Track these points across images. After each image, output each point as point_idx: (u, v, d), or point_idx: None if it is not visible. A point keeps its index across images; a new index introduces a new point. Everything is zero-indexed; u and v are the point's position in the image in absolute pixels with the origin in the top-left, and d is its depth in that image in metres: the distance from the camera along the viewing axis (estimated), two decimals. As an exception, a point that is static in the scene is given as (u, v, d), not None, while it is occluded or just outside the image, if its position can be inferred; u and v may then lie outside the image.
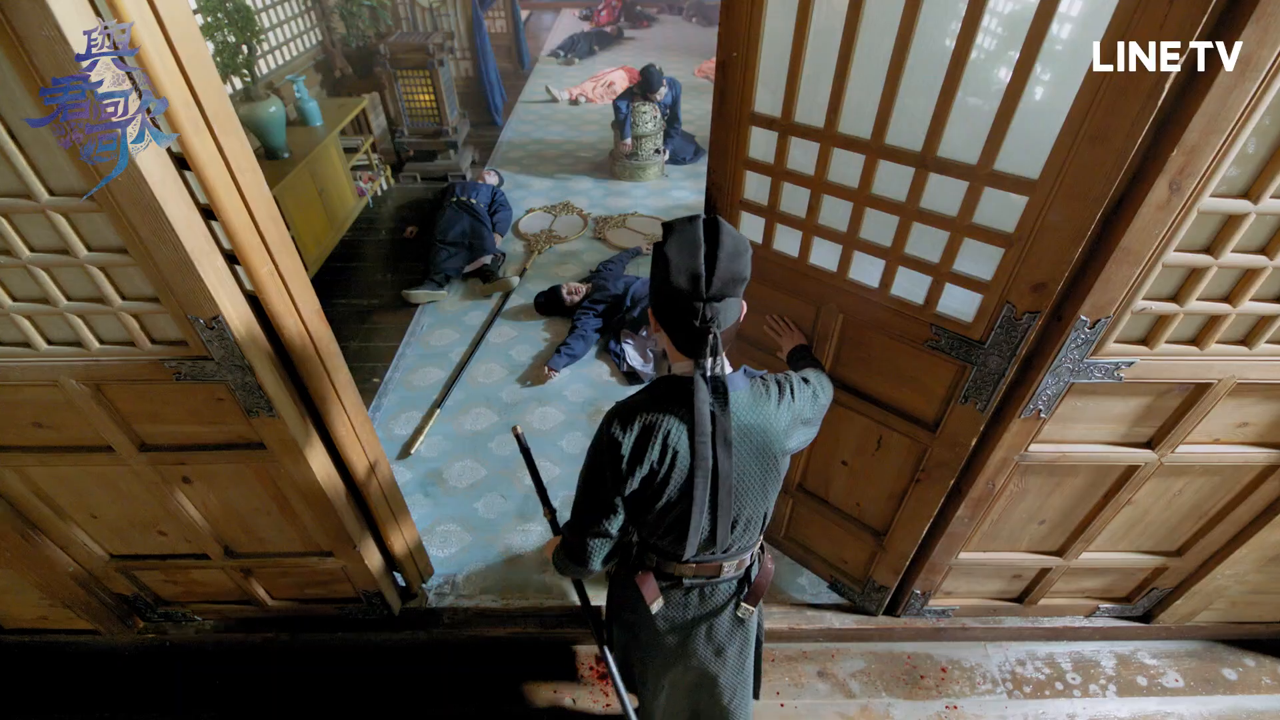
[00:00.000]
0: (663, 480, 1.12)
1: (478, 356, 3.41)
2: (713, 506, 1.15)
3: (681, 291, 1.01)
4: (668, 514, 1.17)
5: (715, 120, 1.54)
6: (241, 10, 3.31)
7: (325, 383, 1.56)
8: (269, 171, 3.63)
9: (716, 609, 1.36)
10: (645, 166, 5.20)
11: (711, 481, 1.12)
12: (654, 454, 1.10)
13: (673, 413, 1.10)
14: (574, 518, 1.24)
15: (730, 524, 1.19)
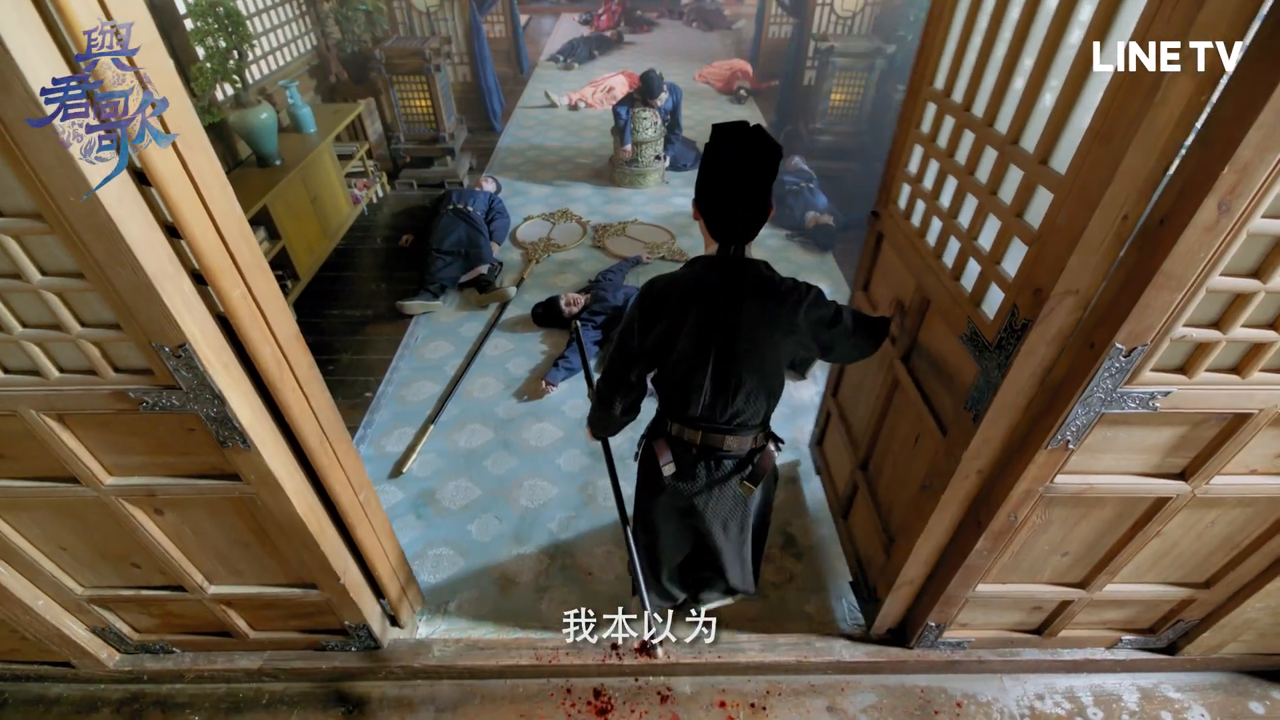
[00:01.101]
0: (674, 337, 1.33)
1: (473, 370, 3.31)
2: (716, 371, 1.34)
3: (721, 185, 1.23)
4: (678, 369, 1.38)
5: (907, 94, 1.77)
6: (233, 15, 3.23)
7: (305, 411, 1.47)
8: (260, 179, 3.55)
9: (720, 481, 1.53)
10: (645, 173, 5.12)
11: (718, 349, 1.32)
12: (670, 313, 1.32)
13: (694, 283, 1.33)
14: (606, 367, 1.50)
15: (732, 390, 1.38)
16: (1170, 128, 0.99)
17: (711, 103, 7.08)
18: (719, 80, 7.50)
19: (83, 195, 0.96)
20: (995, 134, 1.38)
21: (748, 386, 1.38)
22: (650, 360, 1.42)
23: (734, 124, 1.23)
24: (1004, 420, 1.43)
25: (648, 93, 4.86)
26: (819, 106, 5.18)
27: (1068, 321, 1.26)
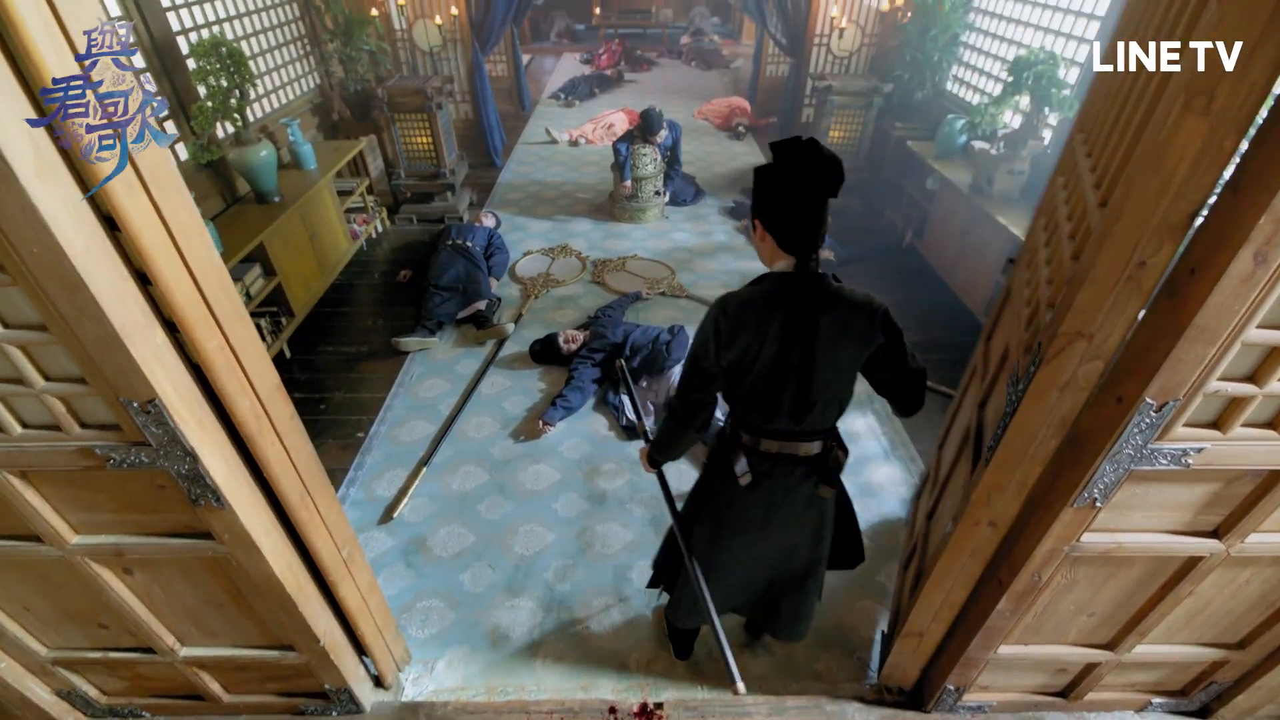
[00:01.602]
0: (753, 356, 1.36)
1: (469, 409, 3.23)
2: (797, 382, 1.39)
3: (793, 195, 1.26)
4: (756, 386, 1.41)
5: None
6: (235, 56, 3.25)
7: (285, 465, 1.39)
8: (258, 216, 3.53)
9: (794, 487, 1.55)
10: (645, 208, 5.13)
11: (799, 361, 1.36)
12: (749, 329, 1.34)
13: (770, 299, 1.34)
14: (680, 386, 1.50)
15: (810, 400, 1.41)
16: (1184, 167, 0.94)
17: (710, 139, 7.16)
18: (717, 117, 7.60)
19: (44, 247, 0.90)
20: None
21: (825, 396, 1.43)
22: (727, 376, 1.44)
23: (792, 140, 1.25)
24: (1014, 466, 1.37)
25: (647, 130, 4.89)
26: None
27: (1086, 371, 1.20)
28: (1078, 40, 3.60)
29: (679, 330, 3.42)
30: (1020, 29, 4.12)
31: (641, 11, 12.46)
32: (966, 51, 4.71)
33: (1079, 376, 1.22)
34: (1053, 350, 1.21)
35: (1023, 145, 3.59)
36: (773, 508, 1.59)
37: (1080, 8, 3.58)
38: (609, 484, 2.81)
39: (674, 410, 1.53)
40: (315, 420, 3.18)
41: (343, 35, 4.64)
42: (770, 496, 1.57)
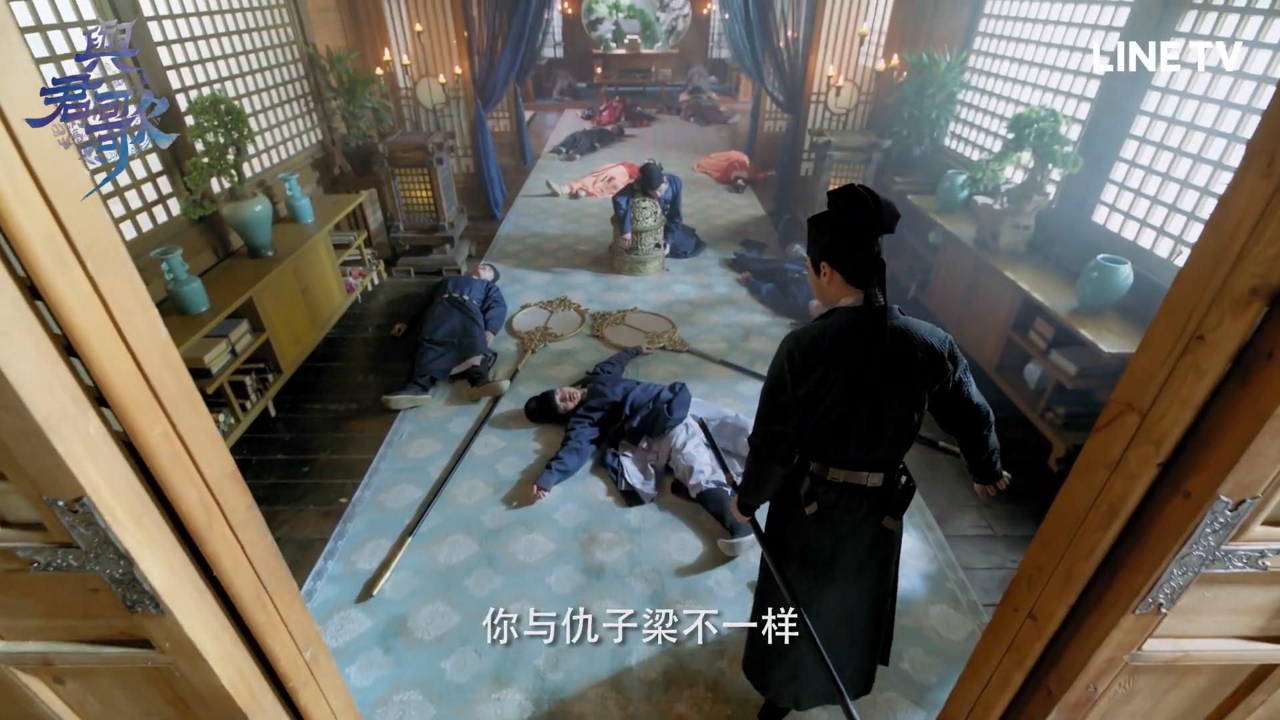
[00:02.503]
0: (828, 387, 1.42)
1: (460, 471, 3.07)
2: (869, 413, 1.45)
3: (858, 232, 1.38)
4: (829, 416, 1.46)
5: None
6: (233, 113, 3.24)
7: (239, 561, 1.23)
8: (250, 270, 3.45)
9: (861, 520, 1.59)
10: (646, 260, 5.08)
11: (871, 392, 1.42)
12: (823, 361, 1.41)
13: (841, 331, 1.42)
14: (758, 420, 1.55)
15: (881, 430, 1.46)
16: (1243, 232, 0.84)
17: (710, 192, 7.21)
18: (716, 170, 7.69)
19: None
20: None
21: (896, 426, 1.49)
22: (801, 406, 1.49)
23: (849, 188, 1.39)
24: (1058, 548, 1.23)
25: (648, 183, 4.89)
26: (818, 197, 5.21)
27: (1138, 456, 1.07)
28: (1077, 99, 3.60)
29: (680, 388, 3.29)
30: (1018, 87, 4.15)
31: (641, 71, 12.87)
32: (964, 109, 4.76)
33: (1130, 459, 1.08)
34: (1102, 419, 1.10)
35: (1027, 201, 3.55)
36: (839, 541, 1.62)
37: (1078, 67, 3.60)
38: (607, 555, 2.63)
39: (756, 447, 1.57)
40: (296, 484, 3.01)
41: (346, 93, 4.69)
42: (836, 529, 1.61)
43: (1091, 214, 3.47)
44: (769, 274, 4.84)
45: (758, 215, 6.51)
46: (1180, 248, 2.95)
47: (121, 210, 3.09)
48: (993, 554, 2.70)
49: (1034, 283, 3.36)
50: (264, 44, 4.28)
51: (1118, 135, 3.27)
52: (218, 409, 3.11)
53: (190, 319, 2.99)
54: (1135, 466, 1.08)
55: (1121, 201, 3.29)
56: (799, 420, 1.51)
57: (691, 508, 2.86)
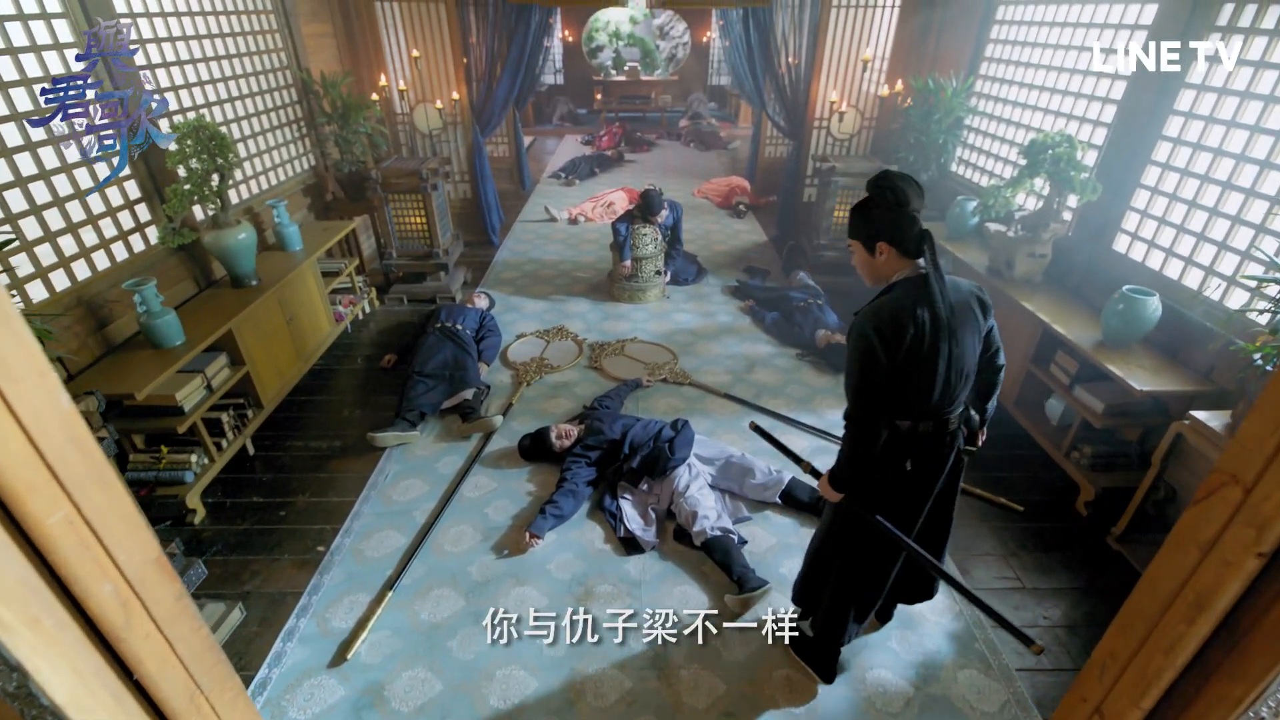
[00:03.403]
0: (914, 348, 1.59)
1: (447, 516, 2.87)
2: (949, 363, 1.63)
3: (907, 208, 1.59)
4: (915, 370, 1.62)
5: None
6: (217, 139, 3.11)
7: (167, 660, 1.03)
8: (231, 301, 3.30)
9: (947, 454, 1.80)
10: (646, 288, 4.94)
11: (948, 344, 1.61)
12: (908, 331, 1.57)
13: (913, 297, 1.59)
14: (855, 397, 1.67)
15: (956, 375, 1.66)
16: None
17: (711, 217, 7.11)
18: (717, 195, 7.61)
19: None
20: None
21: (968, 369, 1.71)
22: (896, 374, 1.64)
23: (884, 173, 1.64)
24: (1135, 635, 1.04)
25: (648, 210, 4.77)
26: (822, 223, 5.10)
27: (1236, 540, 0.89)
28: (1091, 123, 3.49)
29: (683, 425, 3.11)
30: (1027, 112, 4.05)
31: (641, 97, 12.93)
32: (971, 134, 4.67)
33: (1226, 541, 0.90)
34: (1200, 491, 0.92)
35: (1044, 228, 3.41)
36: (928, 483, 1.83)
37: (1093, 91, 3.49)
38: (603, 612, 2.42)
39: (857, 422, 1.71)
40: (272, 530, 2.81)
41: (340, 119, 4.59)
42: (928, 474, 1.81)
43: (1112, 243, 3.32)
44: (773, 302, 4.69)
45: (760, 241, 6.40)
46: (1211, 279, 2.80)
47: (94, 239, 2.94)
48: (1024, 609, 2.49)
49: (1054, 314, 3.20)
50: (255, 69, 4.18)
51: (1138, 161, 3.15)
52: (190, 449, 2.93)
53: (163, 353, 2.82)
54: (1232, 552, 0.90)
55: (1144, 230, 3.15)
56: (894, 386, 1.66)
57: (696, 557, 2.66)
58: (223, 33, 3.84)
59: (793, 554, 2.69)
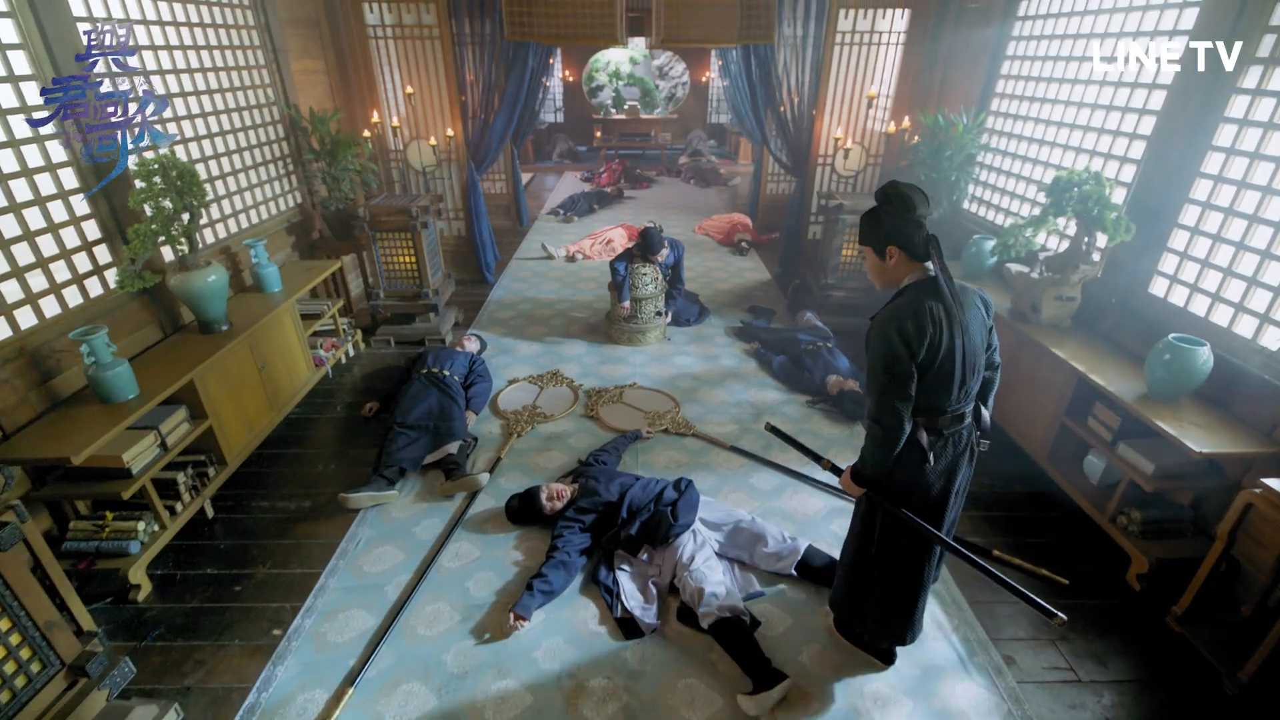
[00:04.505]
0: (937, 345, 1.71)
1: (423, 591, 2.56)
2: (964, 359, 1.77)
3: (917, 215, 1.72)
4: (941, 370, 1.74)
5: None
6: (185, 176, 2.90)
7: None
8: (196, 348, 3.05)
9: (963, 449, 1.90)
10: (645, 330, 4.69)
11: (963, 342, 1.75)
12: (931, 329, 1.69)
13: (929, 298, 1.71)
14: (880, 398, 1.76)
15: (970, 371, 1.80)
16: None
17: (713, 254, 6.93)
18: (719, 232, 7.44)
19: None
20: None
21: (978, 364, 1.82)
22: (919, 372, 1.72)
23: (891, 184, 1.74)
24: None
25: (648, 249, 4.57)
26: (830, 262, 4.89)
27: None
28: (1119, 160, 3.29)
29: (687, 486, 2.82)
30: (1044, 148, 3.87)
31: (641, 134, 12.96)
32: (983, 171, 4.49)
33: None
34: None
35: (1073, 270, 3.18)
36: (952, 477, 1.91)
37: (1118, 126, 3.31)
38: (597, 714, 2.09)
39: (882, 421, 1.77)
40: (224, 610, 2.49)
41: (328, 156, 4.42)
42: (951, 464, 1.89)
43: (1148, 285, 3.09)
44: (780, 345, 4.44)
45: (763, 279, 6.19)
46: (1267, 326, 2.55)
47: (43, 284, 2.70)
48: (1081, 709, 2.16)
49: (1089, 363, 2.94)
50: (240, 104, 4.02)
51: (1174, 199, 2.93)
52: (139, 514, 2.63)
53: (112, 409, 2.55)
54: None
55: (1185, 273, 2.91)
56: (919, 384, 1.74)
57: (703, 642, 2.33)
58: (203, 67, 3.68)
59: (814, 637, 2.37)
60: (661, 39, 5.06)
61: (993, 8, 4.33)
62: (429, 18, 5.04)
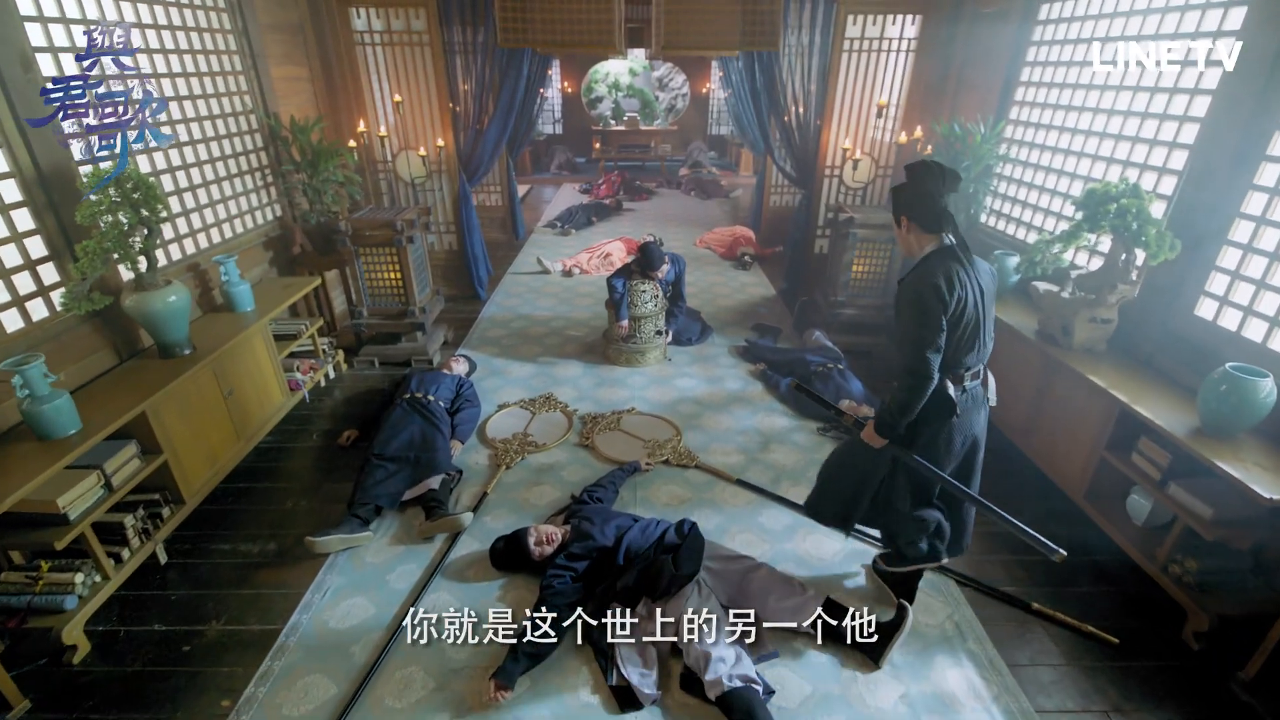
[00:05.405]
0: (964, 301, 1.91)
1: (394, 653, 2.27)
2: (984, 319, 1.99)
3: (939, 190, 1.92)
4: (965, 329, 1.95)
5: None
6: (143, 187, 2.66)
7: None
8: (152, 376, 2.78)
9: (979, 403, 2.14)
10: (645, 350, 4.43)
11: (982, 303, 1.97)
12: (959, 287, 1.89)
13: (949, 263, 1.92)
14: (914, 349, 1.92)
15: (989, 331, 2.03)
16: None
17: (714, 269, 6.69)
18: (721, 246, 7.21)
19: None
20: None
21: (992, 328, 2.06)
22: (948, 329, 1.92)
23: (920, 162, 1.98)
24: None
25: (647, 265, 4.32)
26: (839, 278, 4.64)
27: None
28: (1157, 170, 3.05)
29: (690, 529, 2.54)
30: (1071, 158, 3.63)
31: (640, 146, 12.77)
32: (1002, 183, 4.25)
33: None
34: None
35: (1109, 290, 2.92)
36: (973, 425, 2.14)
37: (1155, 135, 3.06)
38: (588, 809, 1.80)
39: (917, 371, 1.93)
40: (169, 675, 2.21)
41: (309, 167, 4.18)
42: (972, 416, 2.12)
43: (1193, 308, 2.83)
44: (787, 366, 4.18)
45: (768, 295, 5.94)
46: (1339, 356, 2.29)
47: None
48: (1147, 801, 1.87)
49: (1131, 392, 2.68)
50: (215, 111, 3.79)
51: (1223, 213, 2.69)
52: (79, 563, 2.35)
53: (50, 446, 2.29)
54: None
55: (1237, 294, 2.66)
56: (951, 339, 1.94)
57: (710, 715, 2.05)
58: (172, 73, 3.44)
59: (835, 708, 2.08)
60: (661, 47, 4.85)
61: (1010, 12, 4.11)
62: (419, 23, 4.82)
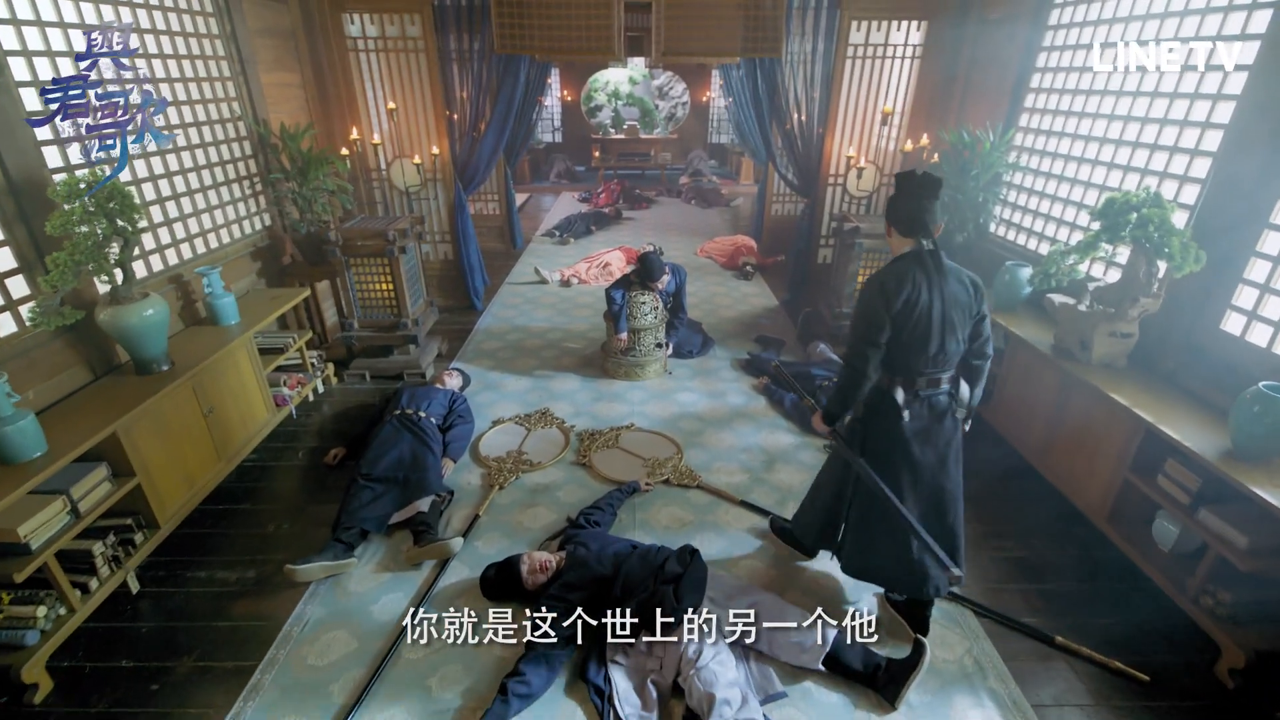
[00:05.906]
0: (913, 304, 1.96)
1: (376, 693, 2.13)
2: (941, 323, 1.98)
3: (923, 198, 1.98)
4: (916, 331, 1.97)
5: None
6: (119, 196, 2.53)
7: None
8: (125, 394, 2.65)
9: (941, 415, 2.11)
10: (644, 363, 4.30)
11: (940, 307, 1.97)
12: (906, 289, 1.95)
13: (912, 267, 1.99)
14: (853, 343, 2.04)
15: (947, 336, 2.00)
16: None
17: (715, 279, 6.57)
18: (722, 255, 7.09)
19: None
20: None
21: (958, 336, 2.03)
22: (895, 327, 1.97)
23: (909, 172, 2.03)
24: None
25: (647, 276, 4.20)
26: (844, 288, 4.52)
27: None
28: (1178, 179, 2.93)
29: (692, 557, 2.40)
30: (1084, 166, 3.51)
31: (640, 154, 12.70)
32: (1012, 191, 4.14)
33: None
34: None
35: (1130, 303, 2.80)
36: (928, 435, 2.11)
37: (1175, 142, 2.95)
38: None
39: (852, 363, 2.05)
40: (134, 717, 2.06)
41: (299, 175, 4.07)
42: (926, 425, 2.11)
43: (1219, 322, 2.70)
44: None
45: (770, 306, 5.82)
46: (1381, 375, 2.16)
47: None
48: None
49: (1156, 411, 2.55)
50: (201, 118, 3.67)
51: (1250, 224, 2.57)
52: (42, 595, 2.21)
53: (12, 470, 2.15)
54: None
55: (1268, 308, 2.53)
56: (890, 338, 1.99)
57: (713, 763, 1.90)
58: (155, 78, 3.33)
59: (847, 757, 1.93)
60: (662, 53, 4.75)
61: (1018, 17, 4.01)
62: (413, 30, 4.73)
